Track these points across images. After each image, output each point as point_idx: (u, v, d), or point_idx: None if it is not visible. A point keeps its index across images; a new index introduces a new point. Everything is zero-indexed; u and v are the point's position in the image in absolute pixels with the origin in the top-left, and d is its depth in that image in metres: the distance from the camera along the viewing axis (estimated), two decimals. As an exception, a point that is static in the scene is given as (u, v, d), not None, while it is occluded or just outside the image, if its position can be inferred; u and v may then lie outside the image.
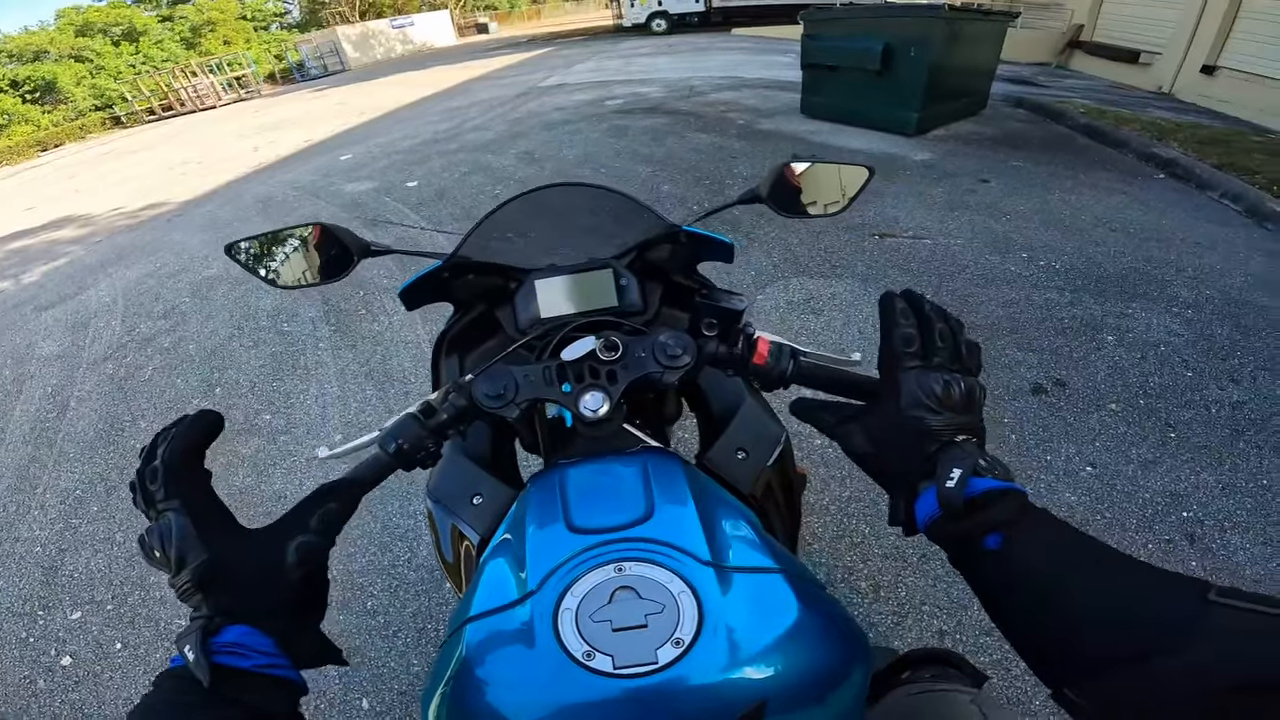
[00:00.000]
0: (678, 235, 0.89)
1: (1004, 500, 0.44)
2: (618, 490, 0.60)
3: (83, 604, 2.05)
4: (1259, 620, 0.33)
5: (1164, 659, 0.34)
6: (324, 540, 0.51)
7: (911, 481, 0.50)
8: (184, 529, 0.45)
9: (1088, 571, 0.40)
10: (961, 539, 0.46)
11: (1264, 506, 1.90)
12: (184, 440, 0.48)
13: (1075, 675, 0.38)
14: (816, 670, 0.46)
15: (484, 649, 0.48)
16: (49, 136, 20.32)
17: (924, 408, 0.49)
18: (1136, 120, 5.79)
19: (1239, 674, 0.32)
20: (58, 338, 3.93)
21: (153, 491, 0.46)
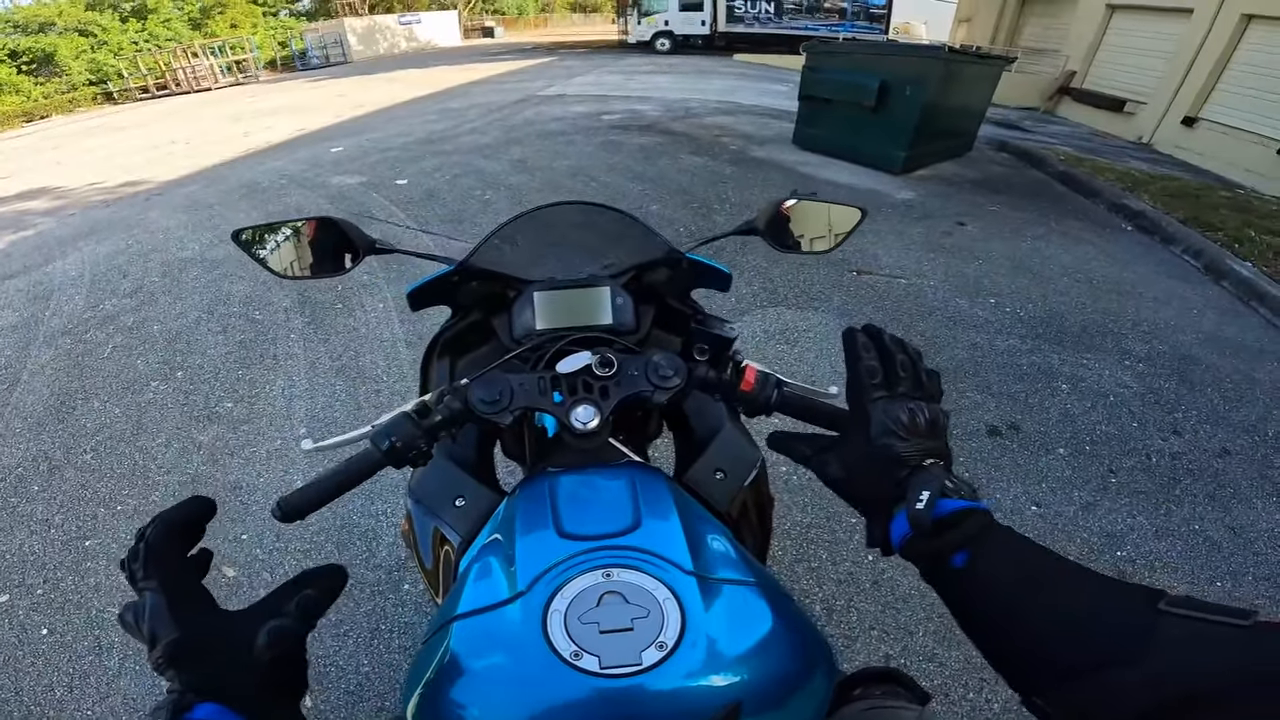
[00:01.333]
0: (680, 260, 0.92)
1: (970, 519, 0.47)
2: (606, 500, 0.62)
3: (11, 587, 1.99)
4: (1208, 629, 0.35)
5: (1120, 670, 0.36)
6: (300, 625, 0.50)
7: (885, 505, 0.53)
8: (157, 607, 0.45)
9: (1048, 585, 0.42)
10: (931, 557, 0.48)
11: (1193, 549, 2.00)
12: (168, 523, 0.49)
13: (1042, 685, 0.40)
14: (786, 676, 0.48)
15: (472, 646, 0.49)
16: (37, 108, 19.93)
17: (892, 435, 0.52)
18: (1112, 170, 5.99)
19: (1189, 684, 0.33)
20: (17, 308, 3.84)
21: (134, 570, 0.47)
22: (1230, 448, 2.43)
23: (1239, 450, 2.42)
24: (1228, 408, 2.66)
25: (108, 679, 1.69)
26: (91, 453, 2.50)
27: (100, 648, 1.77)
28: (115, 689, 1.67)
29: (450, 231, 4.37)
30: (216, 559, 1.96)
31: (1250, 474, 2.31)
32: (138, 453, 2.47)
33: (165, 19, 26.27)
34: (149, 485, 2.31)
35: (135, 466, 2.40)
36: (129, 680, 1.68)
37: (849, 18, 18.00)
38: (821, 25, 18.12)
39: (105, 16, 24.35)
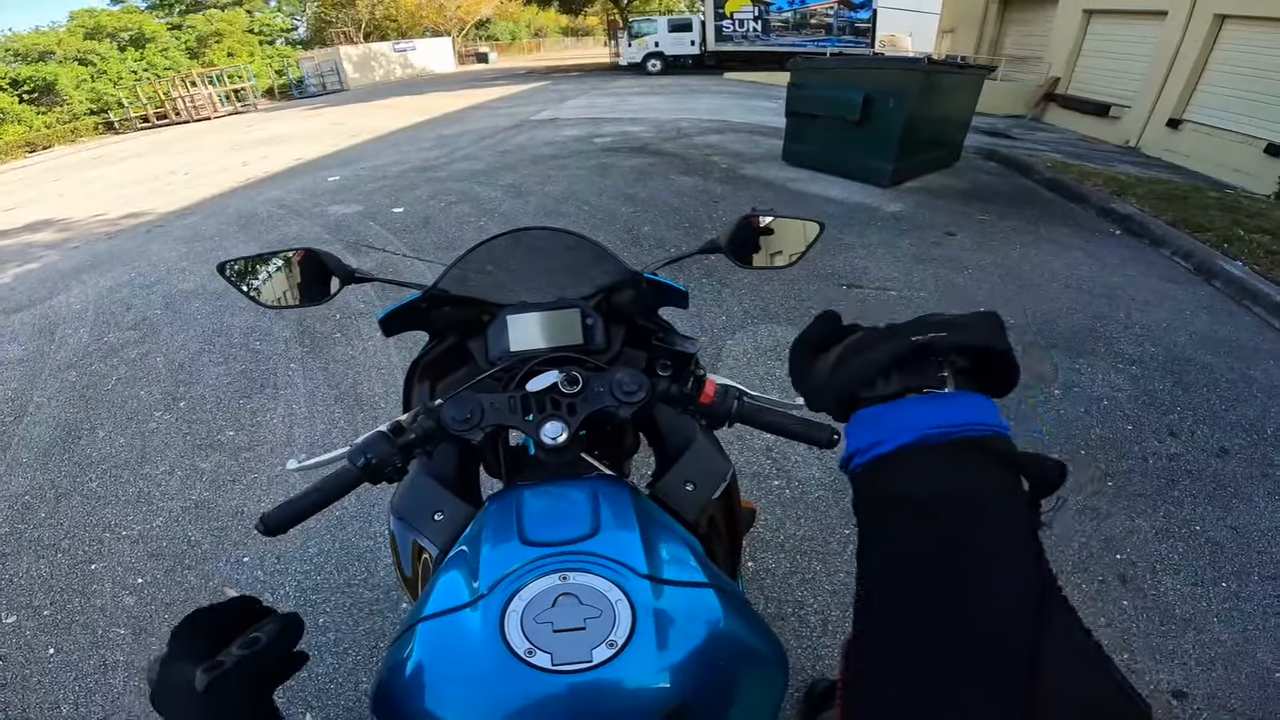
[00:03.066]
0: (640, 281, 0.95)
1: None
2: (569, 510, 0.65)
3: (19, 608, 2.02)
4: None
5: None
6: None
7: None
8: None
9: None
10: None
11: (1195, 550, 2.00)
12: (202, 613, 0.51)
13: None
14: (736, 676, 0.50)
15: (434, 646, 0.52)
16: (39, 138, 20.12)
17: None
18: (1099, 175, 6.03)
19: None
20: (23, 341, 3.88)
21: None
22: (1229, 447, 2.44)
23: (1237, 449, 2.42)
24: (1224, 407, 2.67)
25: (113, 697, 1.72)
26: (97, 480, 2.53)
27: (105, 667, 1.79)
28: (120, 706, 1.69)
29: (446, 259, 4.40)
30: (218, 581, 1.98)
31: (1250, 473, 2.31)
32: (142, 480, 2.50)
33: (163, 48, 26.66)
34: (153, 511, 2.34)
35: (140, 493, 2.43)
36: (133, 698, 1.70)
37: (835, 33, 18.22)
38: (808, 41, 18.35)
39: (104, 45, 24.66)
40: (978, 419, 0.38)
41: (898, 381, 0.41)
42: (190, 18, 29.65)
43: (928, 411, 0.38)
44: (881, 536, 0.38)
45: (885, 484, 0.39)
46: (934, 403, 0.39)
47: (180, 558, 2.13)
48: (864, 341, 0.43)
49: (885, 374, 0.41)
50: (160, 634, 1.88)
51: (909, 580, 0.35)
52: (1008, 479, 0.36)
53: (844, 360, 0.43)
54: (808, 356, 0.47)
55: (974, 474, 0.36)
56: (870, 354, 0.41)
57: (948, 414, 0.38)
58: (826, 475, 2.29)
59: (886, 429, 0.39)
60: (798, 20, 18.71)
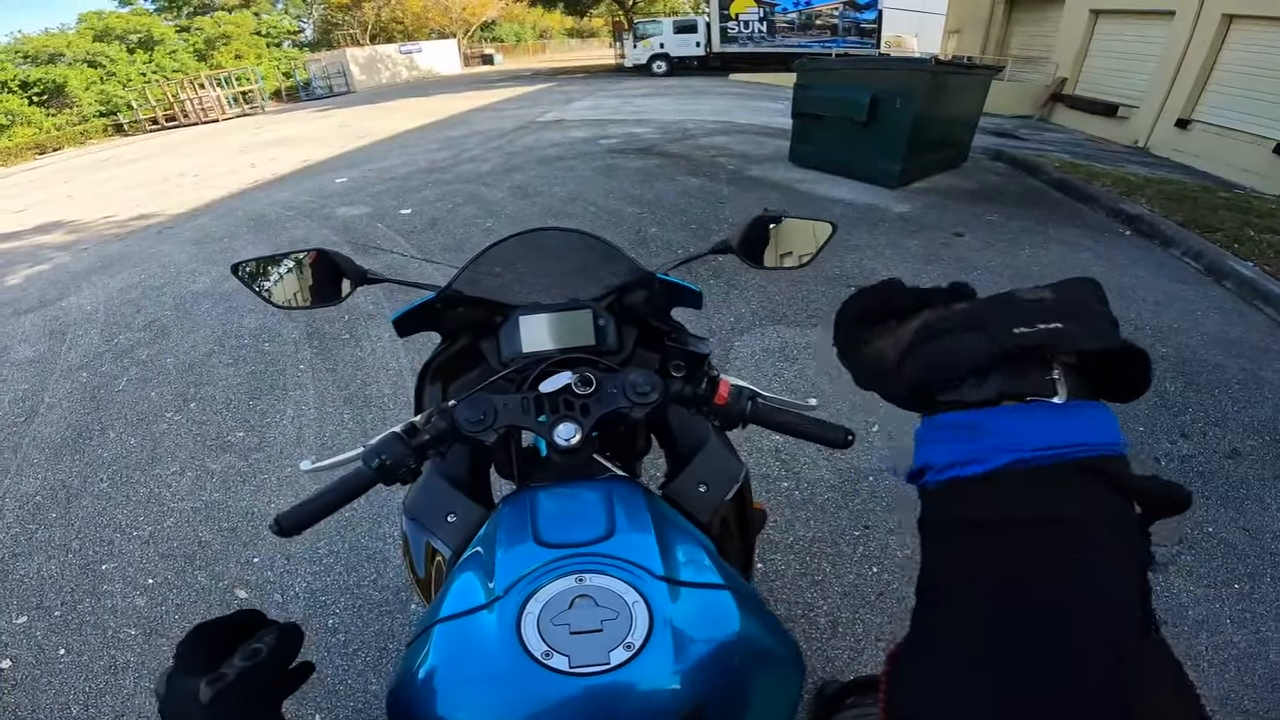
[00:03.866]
0: (652, 282, 0.95)
1: None
2: (583, 511, 0.64)
3: (30, 609, 2.03)
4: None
5: None
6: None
7: None
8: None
9: None
10: None
11: (1209, 553, 1.98)
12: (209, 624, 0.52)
13: None
14: (753, 678, 0.50)
15: (450, 648, 0.52)
16: (49, 140, 20.25)
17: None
18: (1108, 175, 6.00)
19: None
20: (34, 343, 3.91)
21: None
22: (1240, 448, 2.42)
23: (1250, 451, 2.40)
24: (1236, 408, 2.65)
25: (123, 698, 1.72)
26: (108, 481, 2.54)
27: (116, 667, 1.80)
28: (130, 707, 1.70)
29: (454, 260, 4.44)
30: (228, 581, 1.99)
31: (1263, 474, 2.29)
32: (153, 481, 2.52)
33: (171, 50, 26.74)
34: (164, 512, 2.35)
35: (151, 494, 2.44)
36: (144, 699, 1.71)
37: (840, 34, 18.19)
38: (814, 42, 18.32)
39: (113, 48, 24.73)
40: (1096, 437, 0.32)
41: (996, 384, 0.33)
42: (198, 20, 29.78)
43: (1036, 427, 0.32)
44: (960, 562, 0.32)
45: (974, 509, 0.33)
46: (1043, 415, 0.32)
47: (191, 558, 2.14)
48: (947, 323, 0.35)
49: (980, 373, 0.34)
50: (171, 635, 1.88)
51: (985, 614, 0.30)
52: (1121, 507, 0.31)
53: (922, 345, 0.35)
54: (860, 328, 0.40)
55: (1083, 501, 0.31)
56: (959, 346, 0.34)
57: (1061, 431, 0.31)
58: (836, 477, 2.29)
59: (981, 445, 0.32)
60: (803, 21, 18.68)
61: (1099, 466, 0.31)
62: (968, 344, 0.33)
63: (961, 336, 0.34)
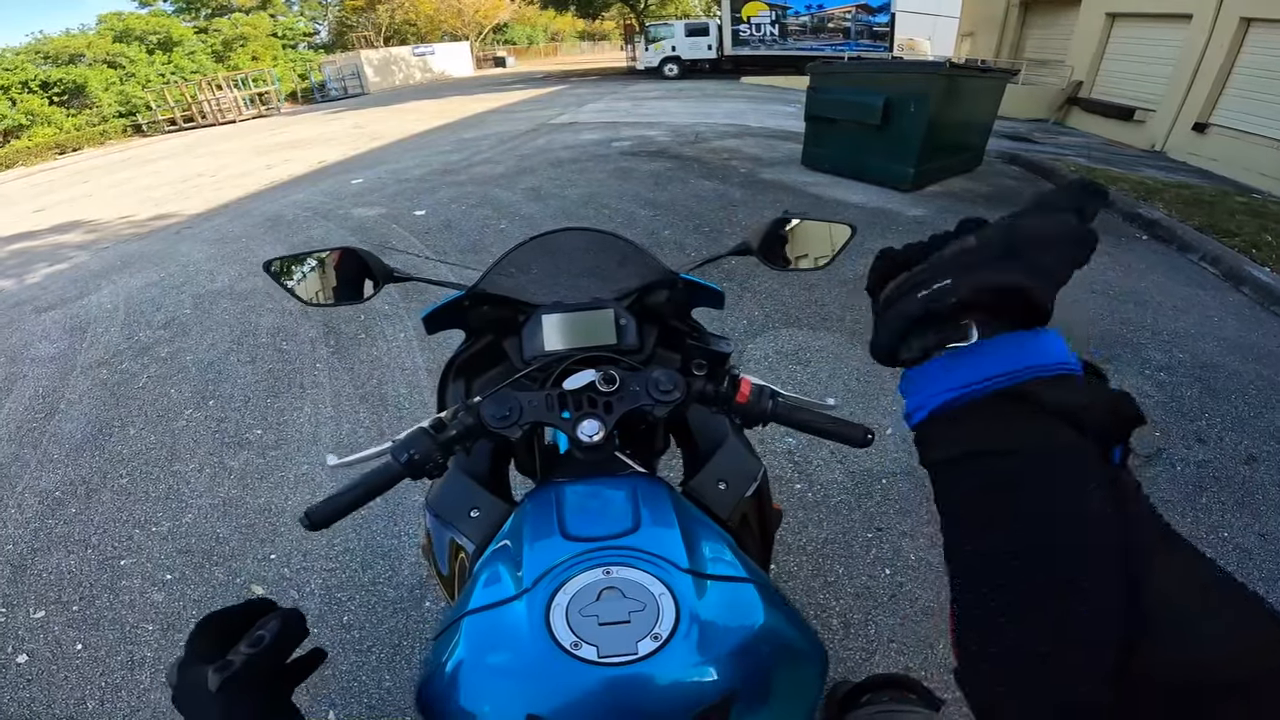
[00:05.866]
0: (675, 281, 0.96)
1: None
2: (609, 506, 0.66)
3: (48, 603, 2.04)
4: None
5: None
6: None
7: None
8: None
9: None
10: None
11: (1223, 558, 1.96)
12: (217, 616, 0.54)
13: None
14: (778, 670, 0.51)
15: (480, 639, 0.53)
16: (69, 140, 20.56)
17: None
18: (1125, 180, 5.95)
19: None
20: (55, 340, 3.97)
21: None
22: (1256, 454, 2.40)
23: (1266, 456, 2.39)
24: (1253, 414, 2.63)
25: (139, 693, 1.74)
26: (127, 477, 2.57)
27: (133, 663, 1.82)
28: (145, 703, 1.71)
29: (467, 261, 4.46)
30: (245, 577, 2.01)
31: (1279, 479, 2.27)
32: (171, 477, 2.55)
33: (190, 51, 27.07)
34: (182, 508, 2.38)
35: (169, 490, 2.47)
36: (159, 694, 1.72)
37: (853, 37, 18.12)
38: (826, 45, 18.27)
39: (133, 48, 25.05)
40: (1012, 364, 0.34)
41: (919, 344, 0.38)
42: (216, 21, 30.12)
43: (950, 372, 0.36)
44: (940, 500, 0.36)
45: (926, 449, 0.37)
46: (958, 360, 0.36)
47: (208, 554, 2.16)
48: (894, 293, 0.39)
49: (906, 336, 0.38)
50: (187, 630, 1.90)
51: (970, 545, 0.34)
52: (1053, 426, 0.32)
53: (879, 318, 0.40)
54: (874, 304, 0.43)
55: (1018, 430, 0.33)
56: (890, 315, 0.38)
57: (977, 369, 0.35)
58: (849, 479, 2.29)
59: (918, 395, 0.37)
60: (815, 24, 18.63)
61: (1023, 391, 0.33)
62: (894, 313, 0.38)
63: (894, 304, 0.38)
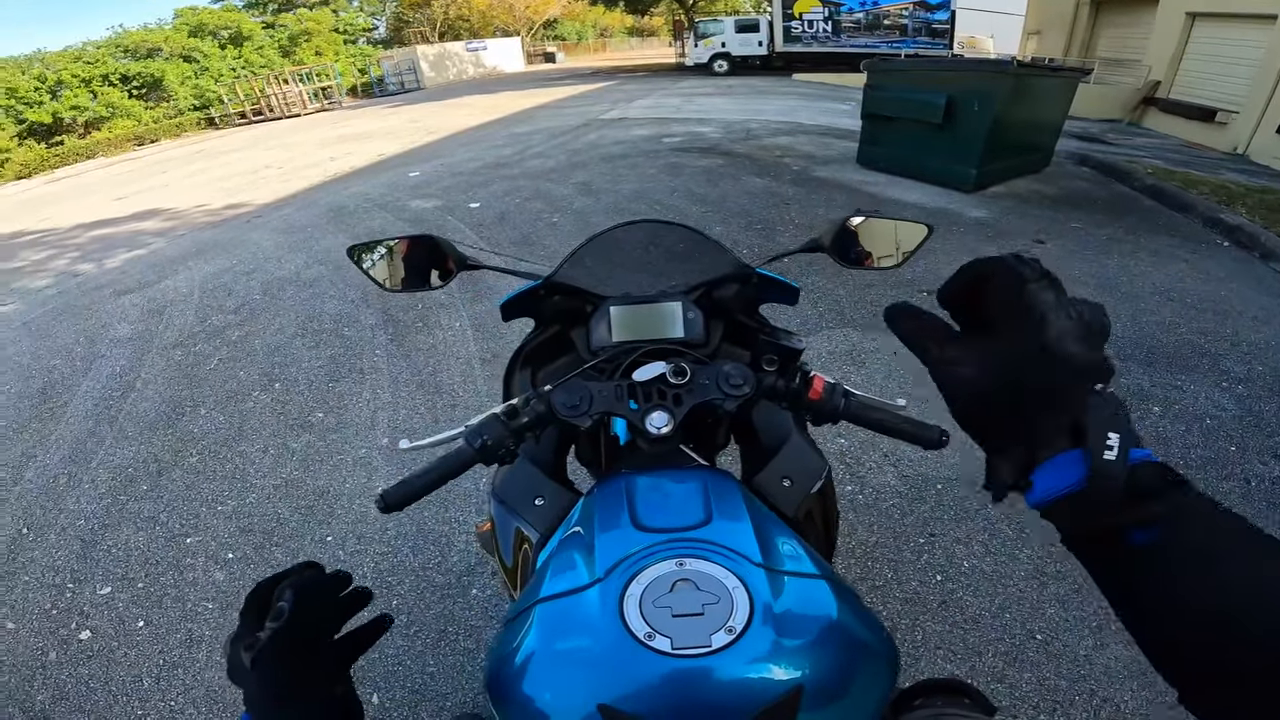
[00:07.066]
0: (750, 276, 0.95)
1: (1169, 486, 0.35)
2: (680, 498, 0.66)
3: (115, 580, 2.11)
4: None
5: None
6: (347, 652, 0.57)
7: (1031, 438, 0.38)
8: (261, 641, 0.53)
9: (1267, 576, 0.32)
10: (1104, 527, 0.36)
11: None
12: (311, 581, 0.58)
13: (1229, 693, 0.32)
14: (849, 667, 0.51)
15: (553, 627, 0.53)
16: (147, 132, 21.72)
17: (1074, 338, 0.37)
18: (1205, 183, 5.63)
19: None
20: (133, 321, 4.20)
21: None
22: (1337, 472, 2.23)
23: (1348, 475, 2.22)
24: (1334, 430, 2.45)
25: (194, 671, 1.78)
26: (197, 456, 2.69)
27: (191, 641, 1.87)
28: (200, 681, 1.75)
29: (521, 253, 4.53)
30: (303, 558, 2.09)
31: (1360, 499, 2.11)
32: (238, 457, 2.66)
33: (259, 46, 28.22)
34: (246, 487, 2.47)
35: (235, 470, 2.58)
36: (215, 673, 1.76)
37: (910, 34, 17.60)
38: (882, 42, 17.78)
39: (206, 43, 26.28)
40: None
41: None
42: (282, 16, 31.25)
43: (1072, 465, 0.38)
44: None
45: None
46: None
47: (269, 534, 2.23)
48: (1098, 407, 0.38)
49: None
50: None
51: None
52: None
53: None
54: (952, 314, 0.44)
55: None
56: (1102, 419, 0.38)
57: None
58: (902, 483, 2.23)
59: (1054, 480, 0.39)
60: (870, 21, 18.15)
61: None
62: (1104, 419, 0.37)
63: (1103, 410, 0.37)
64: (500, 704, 0.52)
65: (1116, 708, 1.54)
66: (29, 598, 2.08)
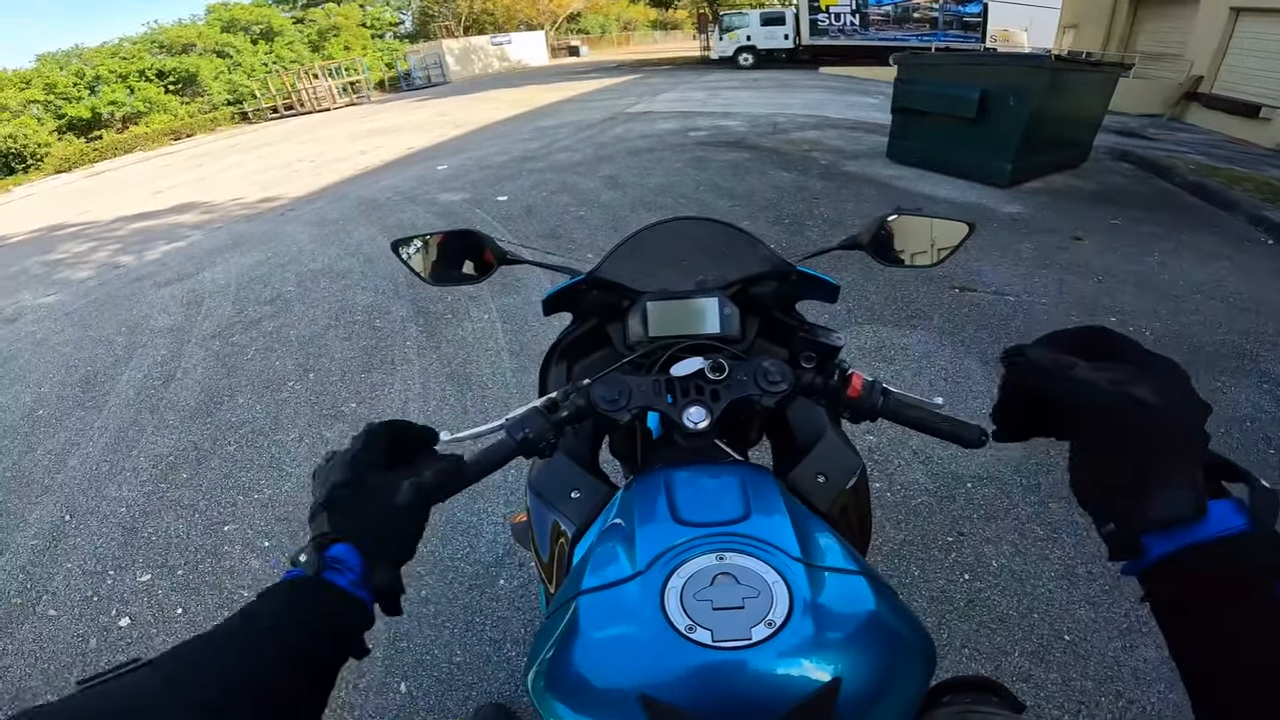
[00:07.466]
0: (790, 273, 0.95)
1: None
2: (719, 493, 0.66)
3: (154, 567, 2.13)
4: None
5: None
6: (436, 487, 0.59)
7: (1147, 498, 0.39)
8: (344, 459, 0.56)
9: None
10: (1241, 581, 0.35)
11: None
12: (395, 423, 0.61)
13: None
14: (886, 662, 0.51)
15: (595, 619, 0.54)
16: (183, 126, 22.22)
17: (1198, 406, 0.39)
18: (1249, 180, 5.46)
19: None
20: (172, 313, 4.30)
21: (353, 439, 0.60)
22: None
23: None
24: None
25: None
26: (235, 444, 2.75)
27: None
28: None
29: (548, 246, 4.56)
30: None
31: None
32: (274, 446, 2.71)
33: (289, 41, 28.67)
34: (282, 476, 2.52)
35: (272, 459, 2.63)
36: None
37: (940, 27, 17.29)
38: (911, 36, 17.51)
39: (238, 38, 26.77)
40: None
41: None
42: (311, 12, 31.67)
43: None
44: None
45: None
46: None
47: (304, 523, 2.23)
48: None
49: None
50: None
51: None
52: None
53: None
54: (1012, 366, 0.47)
55: None
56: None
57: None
58: (931, 481, 2.21)
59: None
60: (898, 14, 17.88)
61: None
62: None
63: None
64: (543, 693, 0.53)
65: (1143, 709, 1.52)
66: (71, 584, 2.12)
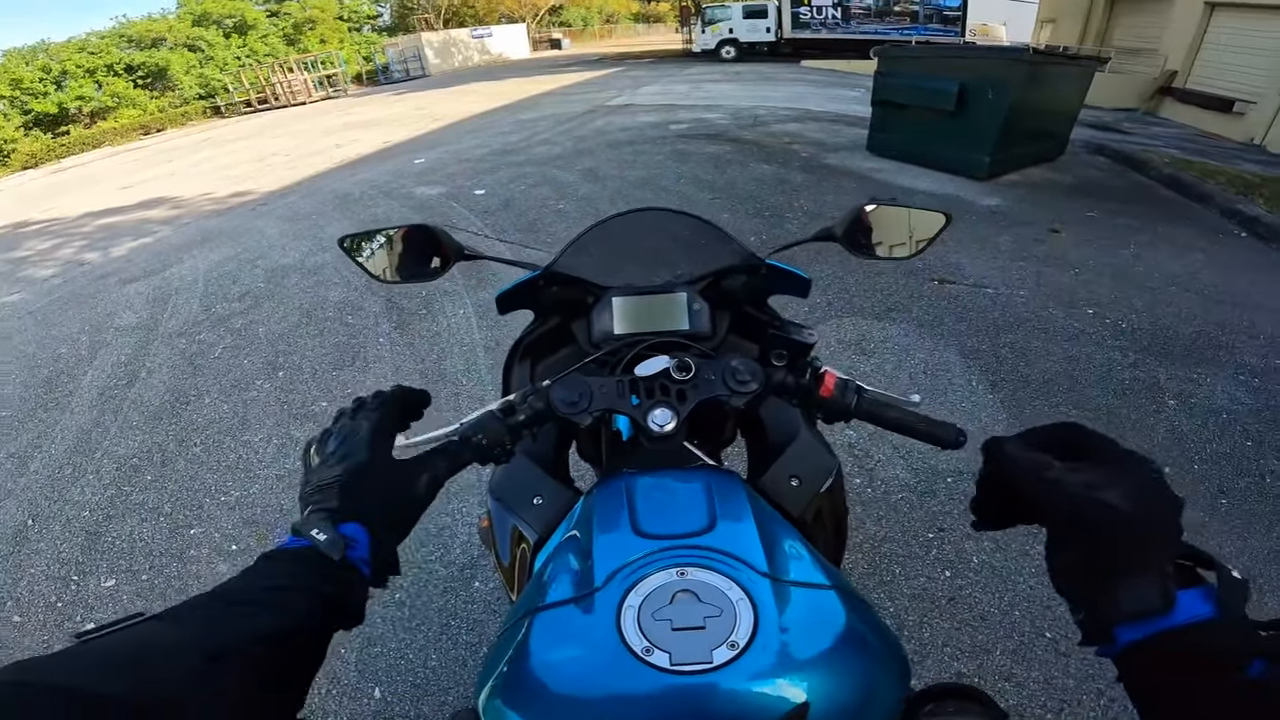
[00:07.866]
0: (759, 267, 0.91)
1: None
2: (682, 501, 0.62)
3: (119, 572, 2.08)
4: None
5: None
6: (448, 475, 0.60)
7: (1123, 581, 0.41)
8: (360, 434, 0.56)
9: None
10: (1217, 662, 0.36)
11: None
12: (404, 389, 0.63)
13: None
14: (858, 683, 0.47)
15: (548, 638, 0.50)
16: (153, 121, 21.70)
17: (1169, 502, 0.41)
18: (1223, 173, 5.57)
19: None
20: (137, 310, 4.19)
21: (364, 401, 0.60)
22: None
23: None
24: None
25: None
26: (200, 446, 2.67)
27: None
28: None
29: (526, 240, 4.50)
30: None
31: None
32: (242, 447, 2.63)
33: (263, 34, 28.05)
34: (250, 478, 2.45)
35: (239, 460, 2.56)
36: None
37: (921, 21, 17.40)
38: (892, 29, 17.57)
39: (210, 32, 26.14)
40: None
41: None
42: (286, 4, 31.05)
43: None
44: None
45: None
46: None
47: (272, 526, 2.20)
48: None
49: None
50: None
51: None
52: None
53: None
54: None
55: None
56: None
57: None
58: (912, 476, 2.20)
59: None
60: (880, 7, 17.96)
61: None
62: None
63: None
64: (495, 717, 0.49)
65: (1124, 707, 1.51)
66: (35, 590, 2.06)
